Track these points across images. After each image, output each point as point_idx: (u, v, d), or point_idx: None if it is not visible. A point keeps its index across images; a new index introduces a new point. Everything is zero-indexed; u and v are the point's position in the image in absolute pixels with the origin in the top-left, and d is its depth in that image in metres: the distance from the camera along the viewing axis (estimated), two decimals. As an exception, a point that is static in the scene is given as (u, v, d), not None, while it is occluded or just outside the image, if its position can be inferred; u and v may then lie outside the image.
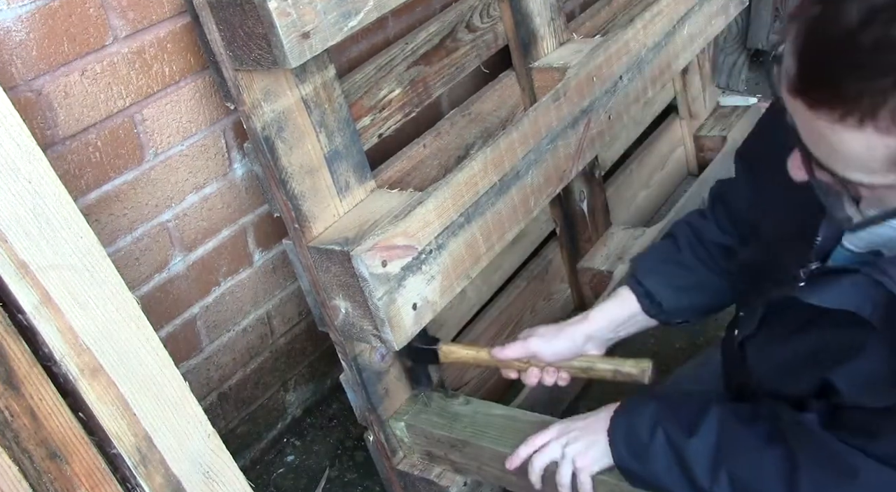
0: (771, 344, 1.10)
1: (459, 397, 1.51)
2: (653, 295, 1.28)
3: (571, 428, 1.25)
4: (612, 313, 1.31)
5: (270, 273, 1.64)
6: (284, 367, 1.75)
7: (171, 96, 1.35)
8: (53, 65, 1.18)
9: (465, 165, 1.39)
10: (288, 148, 1.27)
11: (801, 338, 1.03)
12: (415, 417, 1.50)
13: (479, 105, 1.77)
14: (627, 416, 1.18)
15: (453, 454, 1.46)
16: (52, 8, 1.15)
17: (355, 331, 1.33)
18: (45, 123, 1.19)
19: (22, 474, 0.96)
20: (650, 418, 1.14)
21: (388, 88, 1.54)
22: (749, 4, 2.49)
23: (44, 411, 0.98)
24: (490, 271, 1.84)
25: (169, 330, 1.48)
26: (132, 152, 1.32)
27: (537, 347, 1.31)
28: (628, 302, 1.30)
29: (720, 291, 1.28)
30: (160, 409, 1.07)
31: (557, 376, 1.33)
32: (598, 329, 1.31)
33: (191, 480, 1.09)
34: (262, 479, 1.73)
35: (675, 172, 2.55)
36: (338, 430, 1.84)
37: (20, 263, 0.97)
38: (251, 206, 1.55)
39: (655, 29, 1.88)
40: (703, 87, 2.57)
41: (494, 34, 1.75)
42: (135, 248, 1.38)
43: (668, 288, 1.28)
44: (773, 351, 1.09)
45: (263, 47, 1.13)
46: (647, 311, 1.29)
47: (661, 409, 1.14)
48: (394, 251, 1.26)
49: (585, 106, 1.67)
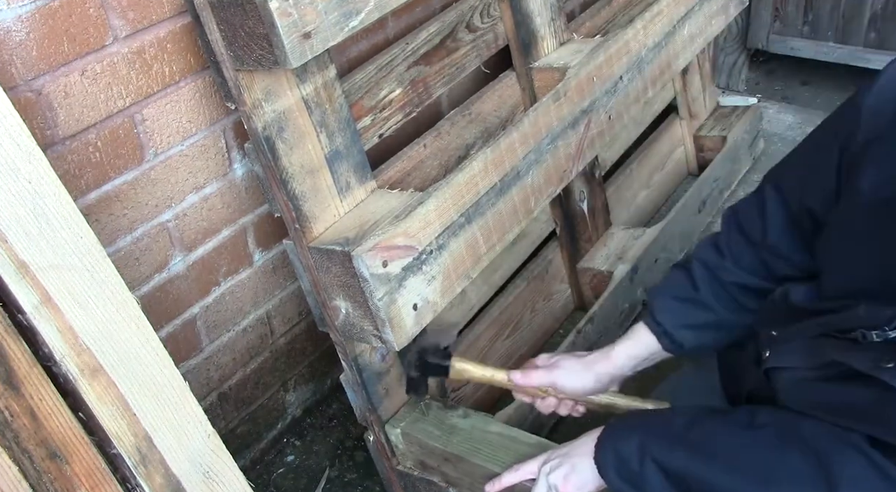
0: (814, 382, 1.04)
1: (458, 409, 1.50)
2: (671, 335, 1.26)
3: (553, 456, 1.24)
4: (632, 352, 1.30)
5: (270, 273, 1.64)
6: (284, 367, 1.75)
7: (171, 96, 1.34)
8: (53, 65, 1.18)
9: (465, 166, 1.39)
10: (288, 148, 1.27)
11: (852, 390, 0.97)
12: (411, 425, 1.49)
13: (480, 105, 1.77)
14: (613, 442, 1.15)
15: (446, 467, 1.45)
16: (52, 8, 1.15)
17: (356, 331, 1.33)
18: (45, 123, 1.19)
19: (22, 474, 0.96)
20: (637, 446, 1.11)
21: (389, 88, 1.54)
22: (749, 4, 2.49)
23: (44, 411, 0.98)
24: (490, 271, 1.84)
25: (169, 330, 1.48)
26: (132, 152, 1.32)
27: (562, 381, 1.31)
28: (647, 341, 1.29)
29: (741, 327, 1.24)
30: (160, 409, 1.07)
31: (573, 408, 1.33)
32: (621, 368, 1.31)
33: (191, 480, 1.09)
34: (262, 479, 1.73)
35: (675, 172, 2.54)
36: (338, 430, 1.84)
37: (20, 263, 0.97)
38: (251, 206, 1.55)
39: (655, 29, 1.88)
40: (703, 87, 2.57)
41: (494, 34, 1.75)
42: (135, 248, 1.38)
43: (686, 328, 1.26)
44: (815, 389, 1.03)
45: (264, 47, 1.13)
46: (668, 349, 1.28)
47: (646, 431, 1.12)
48: (394, 251, 1.26)
49: (585, 106, 1.67)
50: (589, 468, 1.16)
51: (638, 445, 1.10)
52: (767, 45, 2.91)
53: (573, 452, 1.21)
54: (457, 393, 1.71)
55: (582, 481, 1.17)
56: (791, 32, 2.85)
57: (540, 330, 1.98)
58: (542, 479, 1.22)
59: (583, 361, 1.32)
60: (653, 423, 1.15)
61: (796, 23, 2.83)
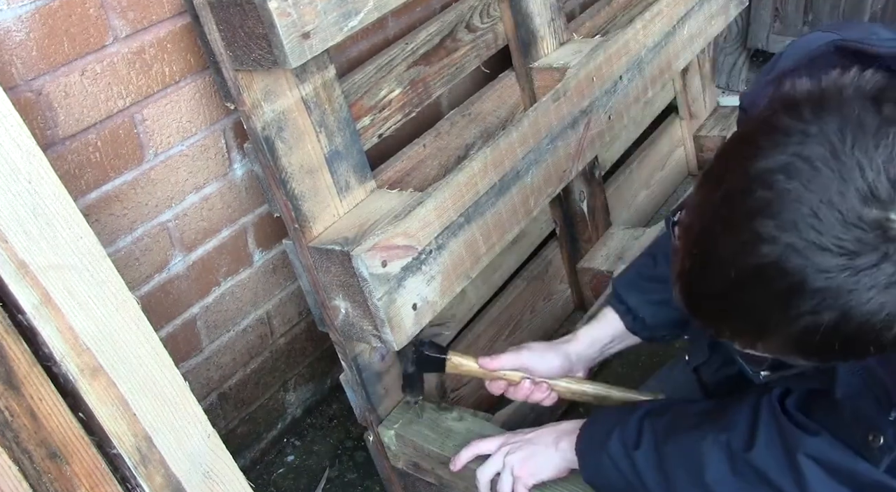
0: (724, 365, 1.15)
1: (453, 412, 1.49)
2: (634, 311, 1.31)
3: (514, 440, 1.28)
4: (597, 333, 1.35)
5: (270, 273, 1.64)
6: (284, 367, 1.75)
7: (171, 96, 1.34)
8: (53, 65, 1.18)
9: (464, 166, 1.39)
10: (288, 148, 1.27)
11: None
12: (405, 427, 1.48)
13: (479, 105, 1.77)
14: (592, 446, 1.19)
15: (441, 470, 1.44)
16: (52, 8, 1.15)
17: (355, 331, 1.33)
18: (45, 123, 1.19)
19: (22, 474, 0.96)
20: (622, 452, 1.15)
21: (388, 88, 1.54)
22: (749, 4, 2.49)
23: (44, 411, 0.98)
24: (490, 271, 1.84)
25: (169, 330, 1.48)
26: (132, 152, 1.32)
27: (530, 361, 1.33)
28: (612, 321, 1.33)
29: None
30: (160, 409, 1.07)
31: (548, 395, 1.34)
32: (586, 348, 1.34)
33: (191, 480, 1.09)
34: (262, 479, 1.73)
35: (675, 172, 2.54)
36: (338, 430, 1.84)
37: (20, 263, 0.97)
38: (251, 206, 1.55)
39: (655, 29, 1.88)
40: (703, 88, 2.57)
41: (494, 34, 1.75)
42: (135, 248, 1.38)
43: (648, 303, 1.30)
44: (727, 369, 1.15)
45: (264, 47, 1.13)
46: (631, 328, 1.32)
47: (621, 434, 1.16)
48: (394, 251, 1.26)
49: (585, 106, 1.67)
50: (547, 458, 1.23)
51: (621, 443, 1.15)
52: (767, 46, 2.91)
53: (536, 439, 1.26)
54: (456, 393, 1.71)
55: (538, 468, 1.24)
56: (791, 32, 2.85)
57: (540, 330, 1.98)
58: (498, 456, 1.27)
59: (549, 343, 1.36)
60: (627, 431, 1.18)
61: (796, 23, 2.83)
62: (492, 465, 1.28)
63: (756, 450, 1.01)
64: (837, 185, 0.66)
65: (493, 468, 1.28)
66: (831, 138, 0.67)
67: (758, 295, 0.70)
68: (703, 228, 0.74)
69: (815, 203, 0.66)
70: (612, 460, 1.13)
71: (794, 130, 0.69)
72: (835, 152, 0.66)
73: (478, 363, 1.36)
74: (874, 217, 0.65)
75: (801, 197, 0.67)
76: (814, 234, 0.66)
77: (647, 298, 1.30)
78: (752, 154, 0.70)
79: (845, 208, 0.66)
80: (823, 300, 0.67)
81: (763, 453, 1.01)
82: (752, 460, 1.01)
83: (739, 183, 0.70)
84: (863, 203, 0.65)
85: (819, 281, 0.67)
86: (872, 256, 0.66)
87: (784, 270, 0.67)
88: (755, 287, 0.70)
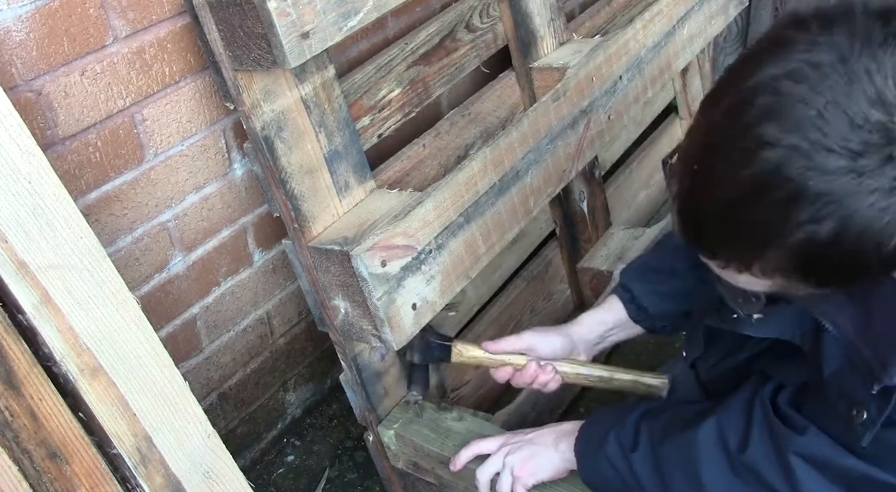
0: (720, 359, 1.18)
1: (453, 411, 1.49)
2: (638, 300, 1.32)
3: (514, 440, 1.29)
4: (600, 318, 1.37)
5: (270, 273, 1.64)
6: (284, 367, 1.75)
7: (171, 96, 1.35)
8: (53, 65, 1.18)
9: (464, 166, 1.39)
10: (287, 148, 1.27)
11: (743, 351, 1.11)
12: (405, 427, 1.48)
13: (479, 105, 1.77)
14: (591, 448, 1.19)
15: (440, 470, 1.44)
16: (52, 8, 1.15)
17: (355, 331, 1.33)
18: (45, 123, 1.19)
19: (22, 474, 0.96)
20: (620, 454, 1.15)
21: (388, 88, 1.54)
22: (749, 4, 2.49)
23: (44, 411, 0.98)
24: (490, 271, 1.84)
25: (169, 330, 1.48)
26: (132, 152, 1.32)
27: (533, 341, 1.34)
28: (616, 308, 1.35)
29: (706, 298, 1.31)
30: (160, 409, 1.07)
31: (552, 377, 1.34)
32: (588, 332, 1.36)
33: (191, 480, 1.09)
34: (262, 479, 1.73)
35: (675, 172, 2.54)
36: (338, 430, 1.84)
37: (20, 262, 0.97)
38: (251, 206, 1.55)
39: (655, 29, 1.88)
40: (703, 88, 2.57)
41: (494, 34, 1.75)
42: (135, 248, 1.38)
43: (653, 294, 1.32)
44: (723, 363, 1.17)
45: (263, 47, 1.13)
46: (633, 317, 1.34)
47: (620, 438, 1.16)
48: (393, 251, 1.26)
49: (585, 106, 1.67)
50: (547, 459, 1.23)
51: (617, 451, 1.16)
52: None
53: (536, 440, 1.27)
54: (456, 393, 1.71)
55: (538, 468, 1.24)
56: (791, 32, 2.85)
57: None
58: (498, 456, 1.28)
59: (553, 326, 1.39)
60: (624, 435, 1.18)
61: (796, 23, 2.83)
62: (491, 465, 1.28)
63: (750, 451, 1.02)
64: (845, 87, 0.66)
65: (492, 468, 1.28)
66: (840, 47, 0.67)
67: (757, 208, 0.70)
68: (702, 144, 0.73)
69: (822, 104, 0.66)
70: (609, 461, 1.13)
71: (801, 40, 0.69)
72: (843, 58, 0.67)
73: (482, 348, 1.36)
74: (881, 119, 0.66)
75: (808, 99, 0.67)
76: (819, 134, 0.66)
77: (652, 288, 1.32)
78: (757, 67, 0.70)
79: (852, 110, 0.66)
80: (824, 206, 0.67)
81: (756, 453, 1.01)
82: (747, 460, 1.02)
83: (742, 94, 0.70)
84: (870, 105, 0.66)
85: (821, 184, 0.67)
86: (877, 158, 0.66)
87: (785, 176, 0.67)
88: (754, 199, 0.70)
